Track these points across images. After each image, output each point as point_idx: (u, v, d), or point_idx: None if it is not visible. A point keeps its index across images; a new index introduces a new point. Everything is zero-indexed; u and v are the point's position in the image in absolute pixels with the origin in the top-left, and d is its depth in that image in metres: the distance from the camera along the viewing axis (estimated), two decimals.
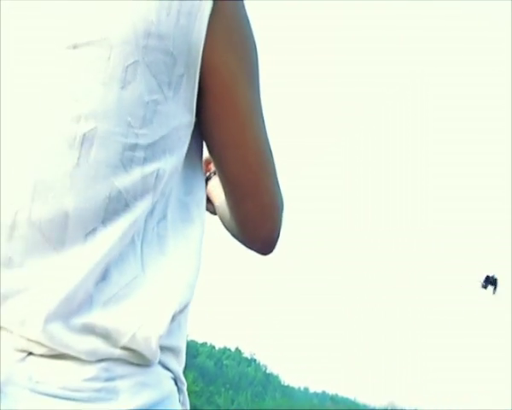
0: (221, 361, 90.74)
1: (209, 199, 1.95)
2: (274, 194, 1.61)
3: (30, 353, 1.34)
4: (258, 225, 1.65)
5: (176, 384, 1.51)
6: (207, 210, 1.84)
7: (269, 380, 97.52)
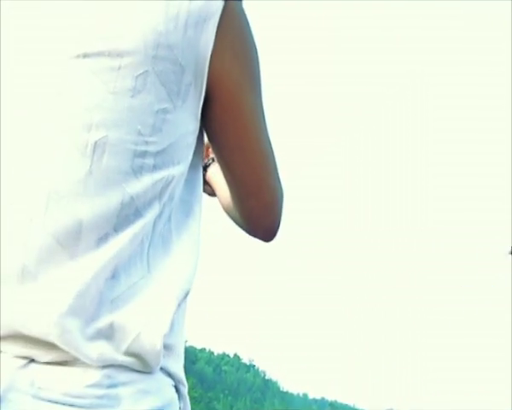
0: (220, 367, 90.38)
1: (206, 181, 2.03)
2: (275, 191, 1.70)
3: (32, 360, 1.37)
4: (261, 219, 1.74)
5: (177, 391, 1.54)
6: (205, 192, 1.90)
7: (268, 386, 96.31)
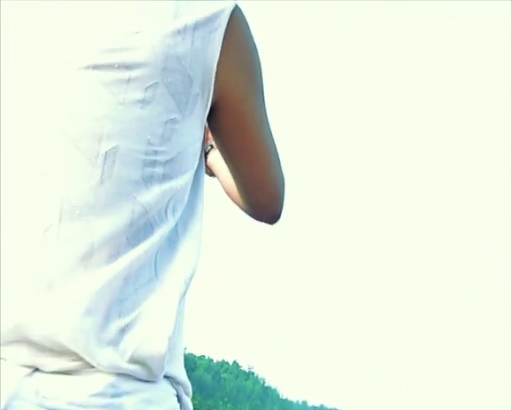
0: (219, 374, 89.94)
1: (207, 165, 2.12)
2: (279, 184, 1.81)
3: (36, 369, 1.39)
4: (266, 208, 1.86)
5: (179, 401, 1.56)
6: (205, 173, 1.98)
7: (267, 393, 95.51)
